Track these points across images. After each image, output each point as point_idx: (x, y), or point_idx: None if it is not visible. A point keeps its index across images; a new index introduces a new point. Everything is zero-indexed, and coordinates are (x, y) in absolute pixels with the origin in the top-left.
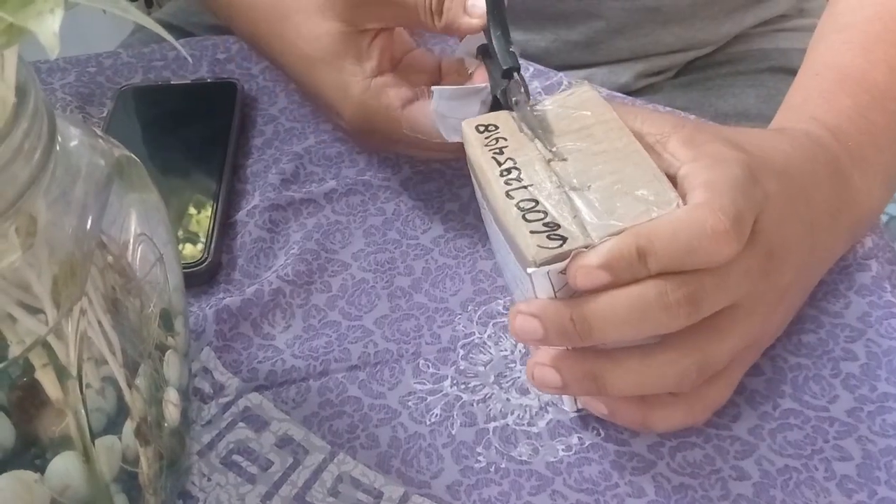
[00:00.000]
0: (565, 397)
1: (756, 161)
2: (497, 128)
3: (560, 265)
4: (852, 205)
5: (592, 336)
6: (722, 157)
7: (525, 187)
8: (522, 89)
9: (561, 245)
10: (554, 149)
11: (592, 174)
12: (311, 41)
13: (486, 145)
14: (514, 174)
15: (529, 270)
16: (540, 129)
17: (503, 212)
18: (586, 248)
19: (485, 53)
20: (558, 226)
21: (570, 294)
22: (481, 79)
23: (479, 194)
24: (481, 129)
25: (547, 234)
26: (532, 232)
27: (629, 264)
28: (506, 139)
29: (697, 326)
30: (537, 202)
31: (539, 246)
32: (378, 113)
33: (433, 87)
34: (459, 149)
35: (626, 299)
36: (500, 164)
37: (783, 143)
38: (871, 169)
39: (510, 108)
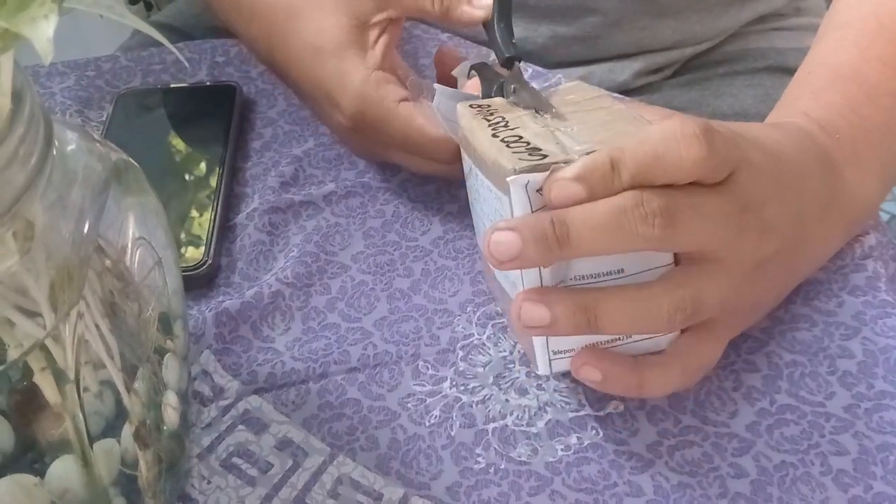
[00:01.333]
0: (538, 356)
1: (744, 138)
2: (490, 106)
3: (539, 177)
4: (844, 198)
5: (570, 242)
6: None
7: (511, 129)
8: (521, 79)
9: (541, 159)
10: (547, 115)
11: (583, 126)
12: (318, 33)
13: (478, 114)
14: (501, 123)
15: (509, 179)
16: (534, 105)
17: (486, 150)
18: (566, 163)
19: (479, 71)
20: (539, 149)
21: None
22: (474, 90)
23: (466, 169)
24: (475, 107)
25: (528, 152)
26: (514, 152)
27: (602, 175)
28: (498, 110)
29: (687, 265)
30: (521, 137)
31: (519, 158)
32: (375, 104)
33: (435, 85)
34: (450, 159)
35: (604, 206)
36: (489, 122)
37: (775, 132)
38: (863, 163)
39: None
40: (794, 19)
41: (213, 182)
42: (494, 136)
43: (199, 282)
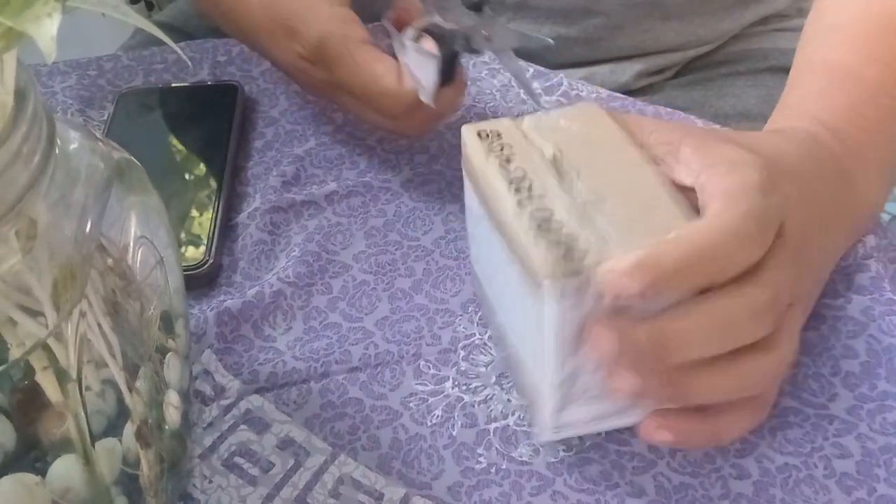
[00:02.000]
0: (544, 422)
1: (771, 163)
2: (500, 135)
3: (576, 281)
4: (856, 202)
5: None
6: (738, 161)
7: (537, 195)
8: (495, 26)
9: (580, 260)
10: (563, 162)
11: (605, 190)
12: None
13: (490, 152)
14: (524, 182)
15: (546, 283)
16: (546, 140)
17: (512, 223)
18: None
19: (430, 32)
20: (576, 239)
21: (576, 322)
22: (431, 48)
23: (471, 204)
24: (483, 135)
25: (565, 245)
26: (548, 242)
27: (665, 276)
28: (512, 145)
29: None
30: (552, 213)
31: (557, 256)
32: (337, 40)
33: (406, 42)
34: (399, 115)
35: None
36: (509, 174)
37: (789, 145)
38: (868, 165)
39: (477, 52)
40: (797, 20)
41: (215, 181)
42: (520, 205)
43: (200, 281)
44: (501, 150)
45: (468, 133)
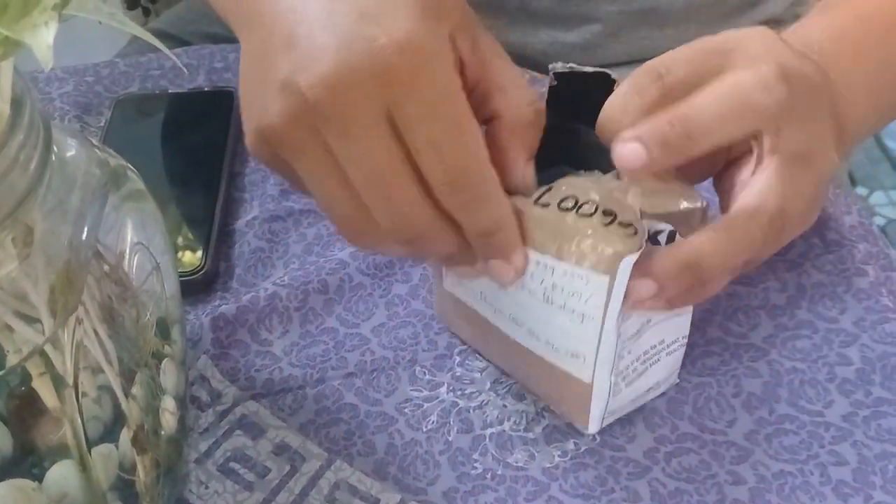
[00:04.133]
0: (594, 414)
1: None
2: None
3: (636, 255)
4: (843, 116)
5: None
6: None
7: (556, 190)
8: None
9: (633, 233)
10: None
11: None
12: None
13: None
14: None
15: (622, 263)
16: None
17: (539, 222)
18: (657, 235)
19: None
20: (613, 212)
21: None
22: None
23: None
24: None
25: (617, 222)
26: (605, 225)
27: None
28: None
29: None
30: (578, 198)
31: (625, 236)
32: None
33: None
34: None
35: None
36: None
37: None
38: (852, 81)
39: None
40: (793, 25)
41: (211, 188)
42: (542, 204)
43: (196, 287)
44: None
45: None
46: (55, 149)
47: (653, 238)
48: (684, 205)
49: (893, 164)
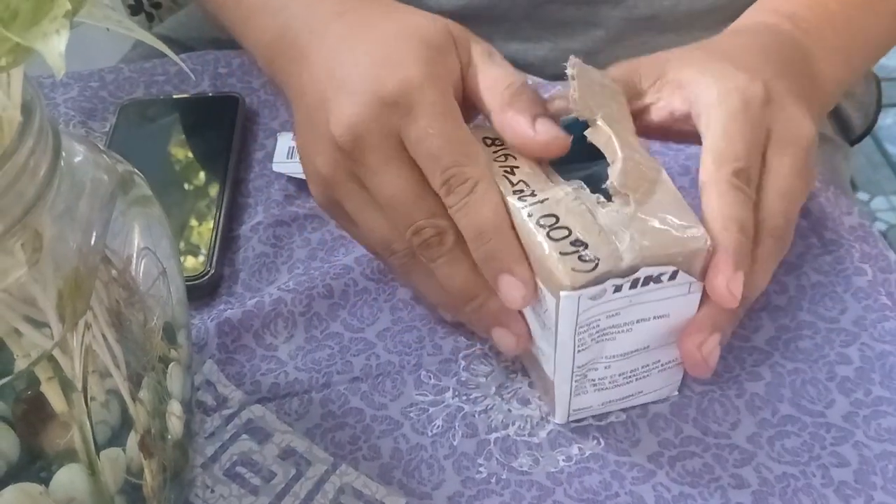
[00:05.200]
0: (559, 407)
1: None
2: (503, 144)
3: (592, 291)
4: (817, 84)
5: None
6: (720, 71)
7: (541, 202)
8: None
9: (593, 268)
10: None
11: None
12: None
13: (496, 161)
14: (526, 190)
15: (562, 294)
16: None
17: (522, 230)
18: (621, 276)
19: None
20: (584, 243)
21: (589, 323)
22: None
23: None
24: (488, 141)
25: (573, 248)
26: (561, 253)
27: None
28: (515, 156)
29: None
30: (558, 219)
31: (571, 267)
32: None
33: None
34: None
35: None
36: (512, 185)
37: (753, 39)
38: (829, 48)
39: None
40: None
41: (216, 193)
42: (529, 214)
43: (201, 292)
44: (505, 158)
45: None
46: (64, 155)
47: (655, 279)
48: (688, 246)
49: (894, 170)
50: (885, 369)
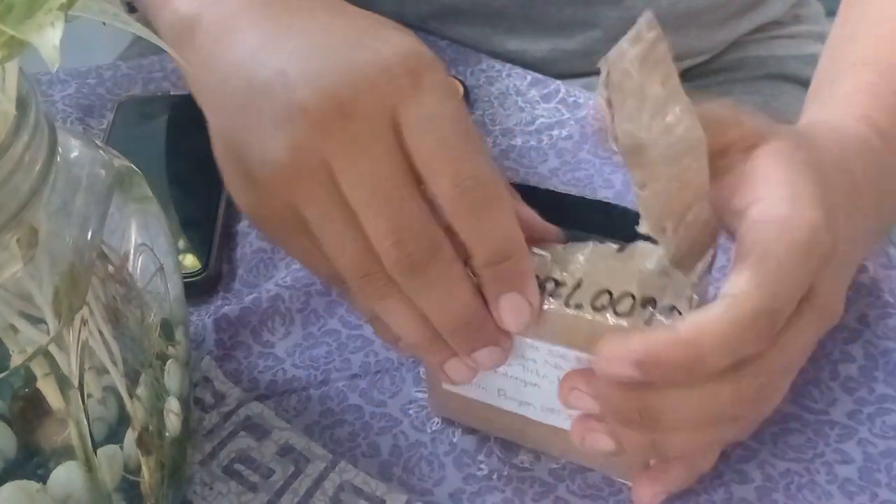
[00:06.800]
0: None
1: (829, 197)
2: None
3: None
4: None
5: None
6: (788, 223)
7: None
8: None
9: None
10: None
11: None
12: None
13: None
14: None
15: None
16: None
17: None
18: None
19: None
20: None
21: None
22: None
23: None
24: None
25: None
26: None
27: (663, 373)
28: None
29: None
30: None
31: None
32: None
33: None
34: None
35: (698, 400)
36: None
37: (850, 162)
38: None
39: None
40: (793, 27)
41: (213, 189)
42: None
43: (199, 288)
44: None
45: None
46: (60, 150)
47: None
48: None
49: None
50: (888, 366)
